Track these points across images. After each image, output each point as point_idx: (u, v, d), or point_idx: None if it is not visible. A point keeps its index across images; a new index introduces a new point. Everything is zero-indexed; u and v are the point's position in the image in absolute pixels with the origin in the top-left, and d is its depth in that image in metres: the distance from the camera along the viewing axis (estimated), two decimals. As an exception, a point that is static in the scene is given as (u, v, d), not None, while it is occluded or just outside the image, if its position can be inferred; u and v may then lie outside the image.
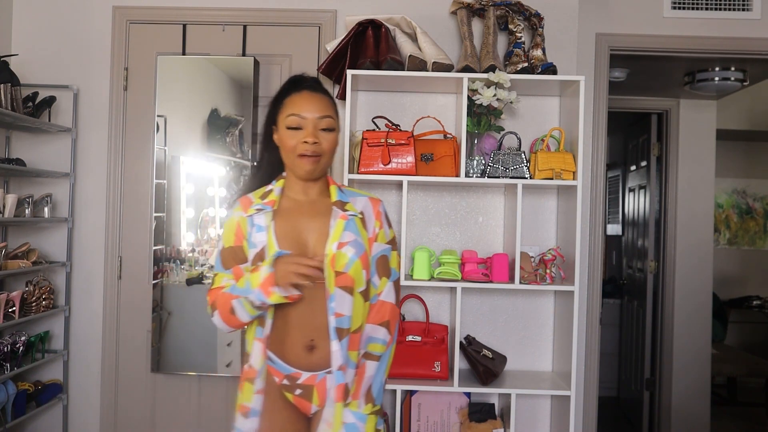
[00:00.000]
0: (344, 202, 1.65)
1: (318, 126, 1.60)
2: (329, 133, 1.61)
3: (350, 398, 1.59)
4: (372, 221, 1.67)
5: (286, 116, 1.61)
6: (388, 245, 1.69)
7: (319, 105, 1.61)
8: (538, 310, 2.71)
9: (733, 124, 4.92)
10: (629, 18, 3.07)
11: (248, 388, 1.62)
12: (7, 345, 2.48)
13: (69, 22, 2.87)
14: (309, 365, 1.61)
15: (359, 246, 1.60)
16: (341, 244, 1.58)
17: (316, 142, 1.58)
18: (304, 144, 1.58)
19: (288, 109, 1.61)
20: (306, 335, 1.60)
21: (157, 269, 2.76)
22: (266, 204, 1.63)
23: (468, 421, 2.51)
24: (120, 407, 2.83)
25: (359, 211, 1.65)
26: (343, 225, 1.60)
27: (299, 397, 1.64)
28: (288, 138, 1.60)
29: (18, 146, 2.86)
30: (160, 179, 2.76)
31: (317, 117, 1.60)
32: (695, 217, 4.29)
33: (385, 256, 1.67)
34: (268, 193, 1.67)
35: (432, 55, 2.49)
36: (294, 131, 1.60)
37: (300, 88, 1.64)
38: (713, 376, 4.39)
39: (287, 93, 1.65)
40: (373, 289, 1.66)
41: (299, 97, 1.62)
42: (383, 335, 1.64)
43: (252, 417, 1.61)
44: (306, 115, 1.59)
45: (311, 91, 1.63)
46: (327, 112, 1.62)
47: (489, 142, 2.55)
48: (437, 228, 2.73)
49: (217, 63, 2.77)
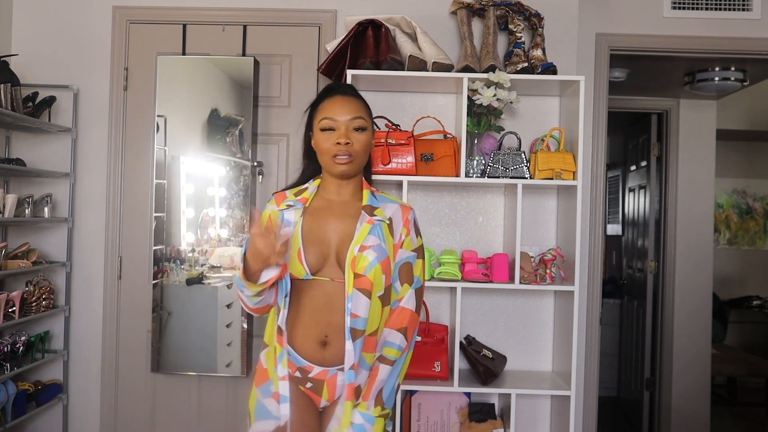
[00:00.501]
0: (374, 207, 1.70)
1: (350, 127, 1.67)
2: (361, 133, 1.69)
3: (360, 399, 1.62)
4: (399, 228, 1.71)
5: (320, 120, 1.69)
6: (413, 253, 1.73)
7: (350, 107, 1.69)
8: (538, 310, 2.71)
9: (733, 124, 4.92)
10: (629, 18, 3.07)
11: (274, 376, 1.66)
12: (7, 345, 2.48)
13: (69, 22, 2.87)
14: (321, 360, 1.65)
15: (381, 251, 1.64)
16: (363, 247, 1.62)
17: (348, 142, 1.65)
18: (337, 145, 1.65)
19: (321, 114, 1.70)
20: (321, 331, 1.64)
21: (157, 269, 2.76)
22: (298, 201, 1.71)
23: (468, 421, 2.51)
24: (120, 407, 2.83)
25: (388, 217, 1.70)
26: (368, 229, 1.65)
27: (309, 390, 1.68)
28: (322, 141, 1.68)
29: (18, 146, 2.86)
30: (160, 179, 2.76)
31: (349, 119, 1.67)
32: (695, 217, 4.29)
33: (409, 263, 1.72)
34: (302, 191, 1.75)
35: (432, 55, 2.49)
36: (328, 133, 1.67)
37: (333, 93, 1.73)
38: (713, 376, 4.39)
39: (321, 99, 1.73)
40: (395, 295, 1.70)
41: (331, 102, 1.70)
42: (399, 341, 1.67)
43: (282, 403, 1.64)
44: (338, 117, 1.67)
45: (343, 95, 1.72)
46: (358, 113, 1.69)
47: (489, 142, 2.55)
48: (437, 228, 2.73)
49: (217, 63, 2.77)
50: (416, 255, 1.74)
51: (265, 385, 1.68)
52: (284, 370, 1.64)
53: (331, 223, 1.68)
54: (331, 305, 1.64)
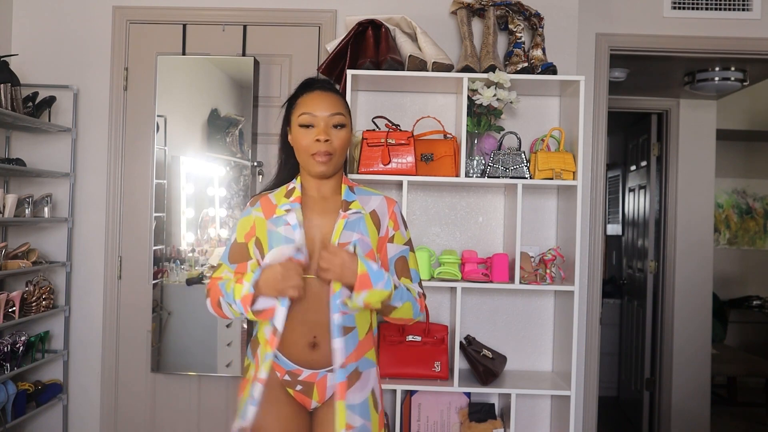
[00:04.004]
0: (349, 202, 1.67)
1: (329, 123, 1.64)
2: (341, 130, 1.65)
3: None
4: (386, 221, 1.70)
5: (299, 115, 1.65)
6: (405, 246, 1.72)
7: (330, 103, 1.65)
8: (538, 310, 2.71)
9: (733, 124, 4.92)
10: (629, 18, 3.07)
11: (250, 377, 1.65)
12: (7, 345, 2.48)
13: (69, 22, 2.87)
14: (311, 363, 1.63)
15: (365, 244, 1.62)
16: (341, 244, 1.60)
17: (327, 139, 1.62)
18: (316, 143, 1.62)
19: (300, 108, 1.66)
20: (309, 332, 1.62)
21: (157, 269, 2.76)
22: (293, 201, 1.67)
23: (468, 421, 2.51)
24: (120, 407, 2.83)
25: (371, 209, 1.68)
26: (342, 225, 1.62)
27: (299, 392, 1.66)
28: (301, 137, 1.64)
29: (18, 146, 2.86)
30: (160, 179, 2.76)
31: (328, 115, 1.64)
32: (695, 217, 4.29)
33: (403, 257, 1.71)
34: (291, 191, 1.70)
35: (432, 55, 2.49)
36: (306, 129, 1.64)
37: (312, 88, 1.69)
38: (713, 376, 4.39)
39: (300, 94, 1.70)
40: None
41: (311, 97, 1.66)
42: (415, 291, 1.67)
43: (251, 405, 1.59)
44: (317, 113, 1.63)
45: (322, 90, 1.68)
46: (338, 109, 1.66)
47: (489, 142, 2.55)
48: (437, 228, 2.73)
49: (217, 63, 2.77)
50: (408, 248, 1.73)
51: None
52: (264, 373, 1.58)
53: (313, 220, 1.66)
54: (318, 304, 1.60)
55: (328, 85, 1.72)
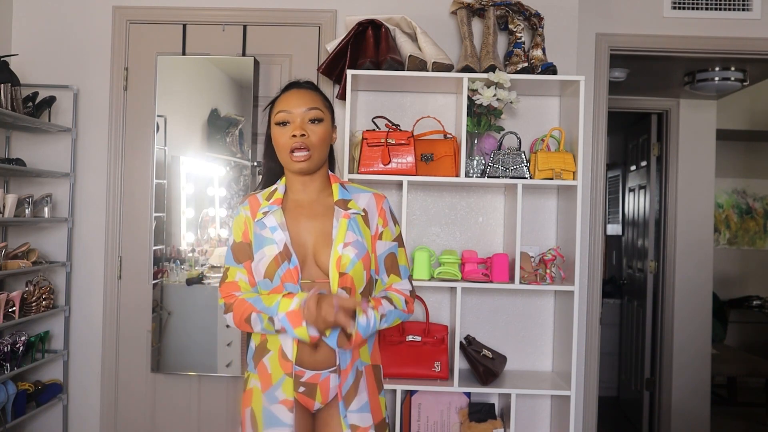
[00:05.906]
0: (347, 200, 1.67)
1: (305, 119, 1.64)
2: (318, 125, 1.65)
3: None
4: (375, 218, 1.69)
5: (276, 114, 1.66)
6: (394, 242, 1.72)
7: (305, 98, 1.66)
8: (538, 310, 2.71)
9: (733, 124, 4.92)
10: (629, 18, 3.07)
11: (288, 382, 1.62)
12: (7, 345, 2.48)
13: (69, 22, 2.87)
14: (313, 364, 1.63)
15: (361, 246, 1.62)
16: (345, 244, 1.60)
17: (303, 134, 1.61)
18: (293, 138, 1.61)
19: (277, 107, 1.67)
20: None
21: (157, 269, 2.76)
22: (272, 204, 1.67)
23: (468, 421, 2.51)
24: (120, 407, 2.83)
25: (362, 208, 1.67)
26: (346, 225, 1.63)
27: (302, 394, 1.66)
28: (279, 135, 1.65)
29: (18, 146, 2.86)
30: (160, 179, 2.76)
31: (304, 110, 1.64)
32: (695, 217, 4.29)
33: (392, 254, 1.71)
34: (273, 192, 1.71)
35: (432, 55, 2.49)
36: (283, 127, 1.64)
37: (289, 88, 1.71)
38: (713, 376, 4.39)
39: (279, 95, 1.71)
40: (381, 286, 1.70)
41: (287, 95, 1.68)
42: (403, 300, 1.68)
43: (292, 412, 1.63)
44: (293, 109, 1.64)
45: (298, 88, 1.69)
46: (314, 104, 1.66)
47: (489, 142, 2.55)
48: (437, 228, 2.73)
49: (217, 63, 2.77)
50: (397, 244, 1.72)
51: (270, 390, 1.64)
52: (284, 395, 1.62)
53: (303, 224, 1.65)
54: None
55: (307, 84, 1.73)
